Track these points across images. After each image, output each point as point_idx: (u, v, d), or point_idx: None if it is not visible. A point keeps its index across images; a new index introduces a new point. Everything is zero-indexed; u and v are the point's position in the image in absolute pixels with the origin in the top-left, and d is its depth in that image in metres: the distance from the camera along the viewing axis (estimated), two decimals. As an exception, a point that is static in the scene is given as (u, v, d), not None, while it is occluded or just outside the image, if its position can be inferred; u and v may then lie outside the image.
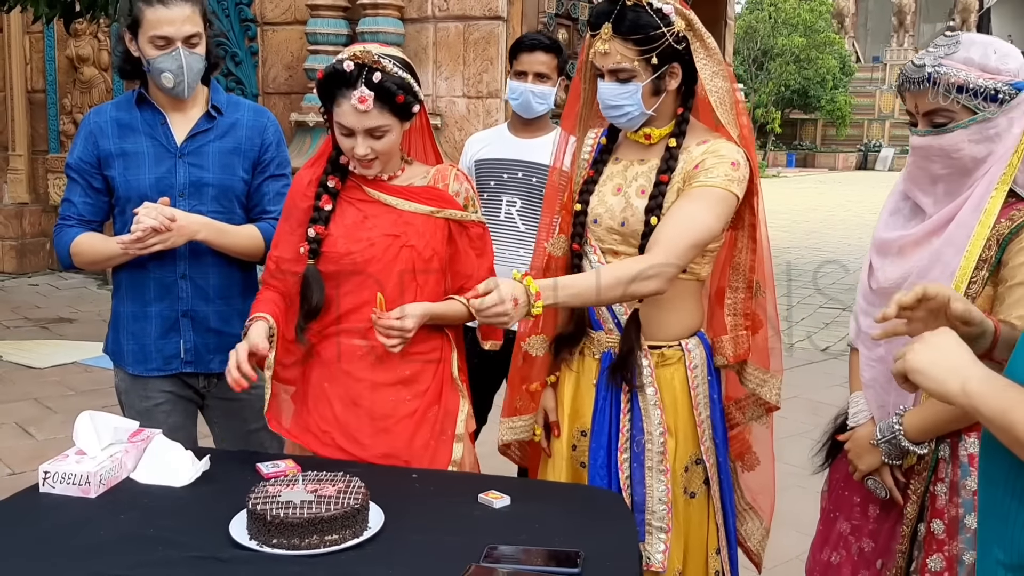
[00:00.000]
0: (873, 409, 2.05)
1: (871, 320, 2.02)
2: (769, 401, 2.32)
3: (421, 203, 2.22)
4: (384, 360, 2.19)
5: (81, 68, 9.36)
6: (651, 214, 2.11)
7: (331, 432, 2.19)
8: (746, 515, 2.45)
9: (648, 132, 2.22)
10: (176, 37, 2.32)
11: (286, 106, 7.78)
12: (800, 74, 34.08)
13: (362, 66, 2.05)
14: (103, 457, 1.97)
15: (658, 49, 2.09)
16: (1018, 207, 1.83)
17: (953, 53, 1.84)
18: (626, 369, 2.19)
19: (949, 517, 1.91)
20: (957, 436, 1.91)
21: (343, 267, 2.18)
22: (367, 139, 2.11)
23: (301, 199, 2.25)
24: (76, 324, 7.45)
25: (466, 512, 1.90)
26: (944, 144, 1.85)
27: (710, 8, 9.35)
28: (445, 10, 7.25)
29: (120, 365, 2.53)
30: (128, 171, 2.42)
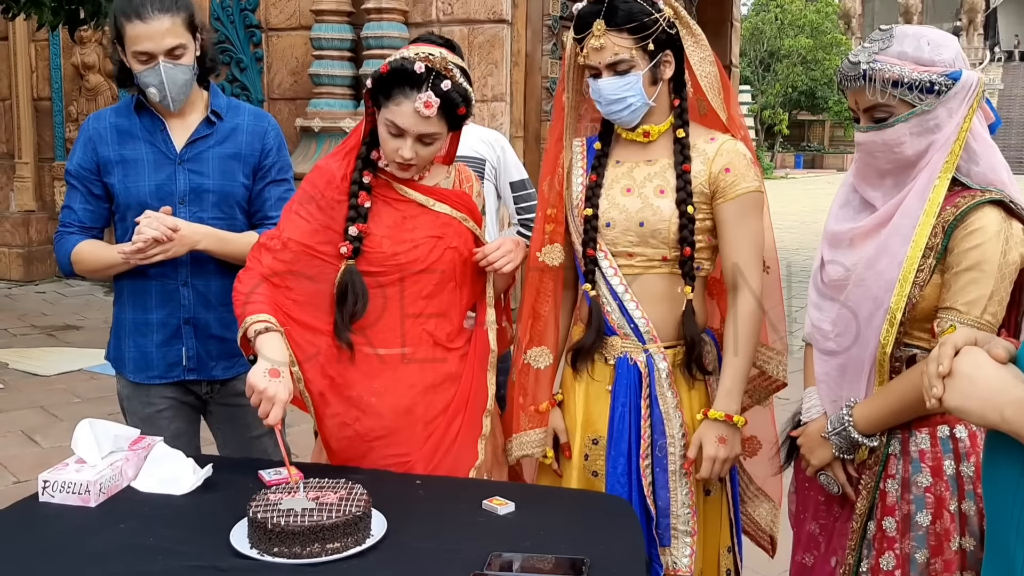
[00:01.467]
0: (826, 404, 2.03)
1: (822, 314, 2.01)
2: (777, 377, 2.31)
3: (453, 207, 2.20)
4: (426, 359, 2.17)
5: (87, 75, 9.38)
6: (684, 205, 2.14)
7: (377, 446, 2.14)
8: (757, 499, 2.44)
9: (647, 129, 2.21)
10: (157, 51, 2.28)
11: (291, 111, 7.79)
12: (807, 75, 34.09)
13: (431, 70, 2.02)
14: (103, 466, 1.95)
15: (653, 35, 2.10)
16: (962, 195, 1.82)
17: (887, 48, 1.84)
18: (697, 360, 2.21)
19: (901, 514, 1.88)
20: (908, 431, 1.89)
21: (387, 269, 2.14)
22: (416, 143, 2.07)
23: (333, 191, 2.14)
24: (82, 331, 7.45)
25: (470, 519, 1.87)
26: (886, 139, 1.85)
27: (716, 10, 9.34)
28: (449, 14, 7.25)
29: (122, 372, 2.51)
30: (128, 178, 2.40)
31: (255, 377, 1.93)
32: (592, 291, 2.23)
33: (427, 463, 2.14)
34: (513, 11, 7.22)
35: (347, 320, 2.11)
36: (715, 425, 2.14)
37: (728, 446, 2.13)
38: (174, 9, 2.29)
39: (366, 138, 2.17)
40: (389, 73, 2.03)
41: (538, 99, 7.49)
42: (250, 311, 2.06)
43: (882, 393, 1.88)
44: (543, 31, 7.43)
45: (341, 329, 2.11)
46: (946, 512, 1.84)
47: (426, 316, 2.17)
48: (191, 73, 2.36)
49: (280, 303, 2.12)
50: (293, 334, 2.11)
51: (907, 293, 1.82)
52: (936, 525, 1.85)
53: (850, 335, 1.93)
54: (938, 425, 1.87)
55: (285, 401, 1.94)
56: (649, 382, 2.20)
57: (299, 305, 2.14)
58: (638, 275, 2.20)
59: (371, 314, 2.13)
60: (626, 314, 2.20)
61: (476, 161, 3.21)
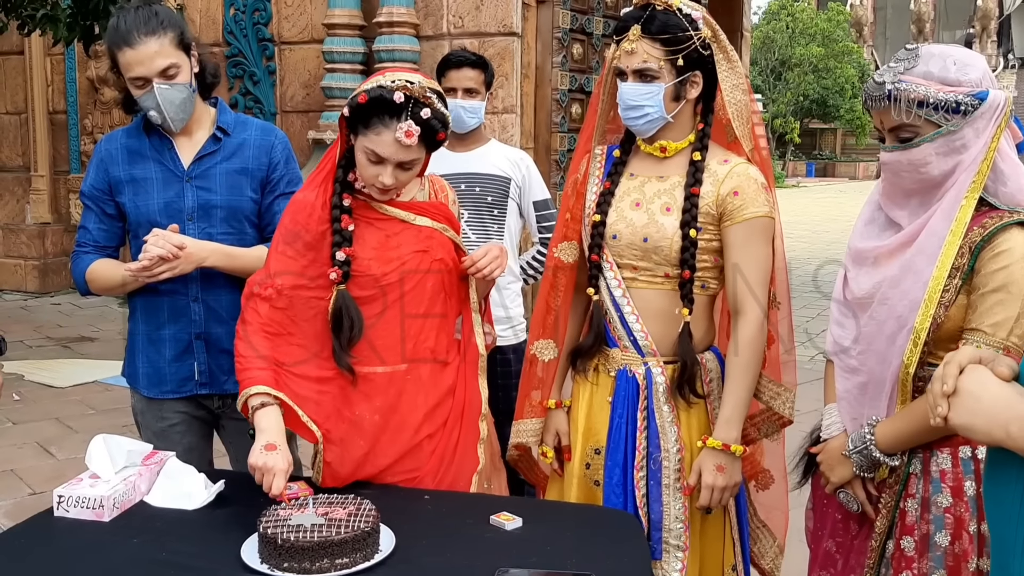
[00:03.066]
0: (846, 421, 2.03)
1: (844, 331, 2.01)
2: (783, 415, 2.32)
3: (434, 219, 2.21)
4: (426, 374, 2.18)
5: (101, 89, 9.46)
6: (688, 227, 2.15)
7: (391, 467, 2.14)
8: (759, 533, 2.44)
9: (664, 144, 2.23)
10: (149, 75, 2.30)
11: (304, 124, 7.84)
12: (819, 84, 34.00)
13: (410, 98, 2.02)
14: (117, 481, 1.98)
15: (685, 51, 2.13)
16: (990, 215, 1.82)
17: (912, 68, 1.83)
18: (690, 382, 2.22)
19: (919, 534, 1.88)
20: (929, 451, 1.89)
21: (377, 290, 2.14)
22: (396, 169, 2.07)
23: (316, 222, 2.13)
24: (97, 343, 7.51)
25: (477, 534, 1.89)
26: (912, 159, 1.85)
27: (726, 19, 9.34)
28: (460, 27, 7.29)
29: (135, 387, 2.54)
30: (138, 197, 2.44)
31: (253, 457, 1.95)
32: (596, 296, 2.25)
33: (434, 476, 2.16)
34: (523, 24, 7.25)
35: (345, 345, 2.10)
36: (713, 454, 2.15)
37: (727, 475, 2.14)
38: (160, 30, 2.31)
39: (341, 161, 2.16)
40: (368, 103, 2.02)
41: (548, 111, 7.51)
42: (248, 381, 2.05)
43: (905, 413, 1.87)
44: (553, 43, 7.46)
45: (340, 355, 2.10)
46: (965, 533, 1.83)
47: (425, 331, 2.17)
48: (188, 91, 2.38)
49: (281, 359, 2.09)
50: (300, 391, 2.08)
51: (932, 313, 1.81)
52: (955, 546, 1.84)
53: (873, 353, 1.92)
54: (960, 446, 1.87)
55: (284, 471, 1.95)
56: (647, 395, 2.22)
57: (303, 353, 2.12)
58: (640, 289, 2.23)
59: (372, 335, 2.13)
60: (626, 326, 2.23)
61: (501, 180, 3.25)
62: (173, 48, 2.33)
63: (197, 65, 2.42)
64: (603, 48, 7.88)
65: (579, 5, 7.72)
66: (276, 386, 2.04)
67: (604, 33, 8.01)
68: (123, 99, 2.47)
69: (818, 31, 34.39)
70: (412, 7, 7.23)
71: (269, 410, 2.03)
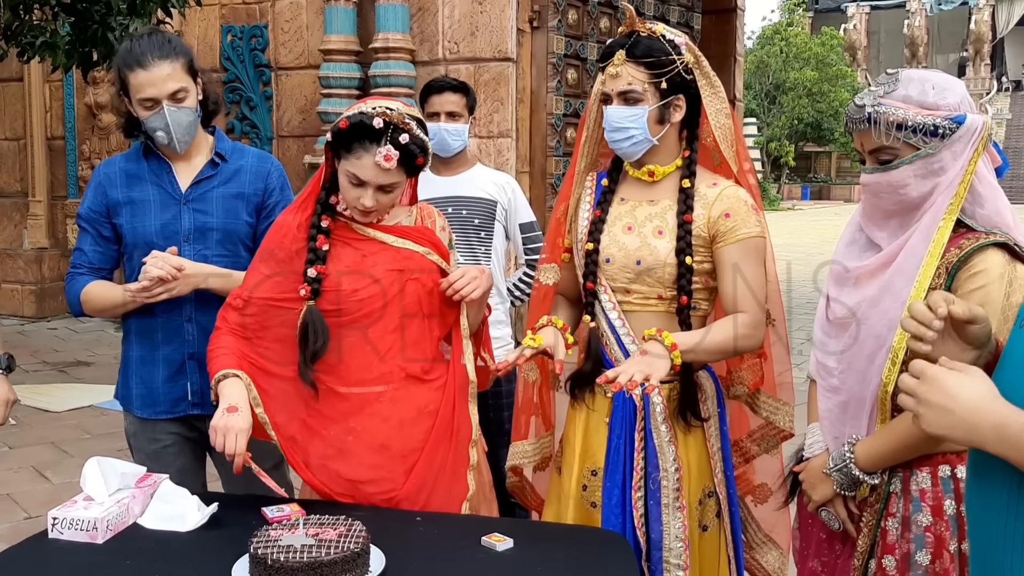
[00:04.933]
0: (828, 440, 2.04)
1: (825, 351, 2.03)
2: (784, 428, 2.34)
3: (415, 242, 2.24)
4: (400, 393, 2.20)
5: (99, 115, 9.52)
6: (683, 255, 2.18)
7: (364, 484, 2.17)
8: (765, 546, 2.45)
9: (651, 168, 2.27)
10: (160, 96, 2.37)
11: (300, 149, 7.89)
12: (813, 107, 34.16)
13: (389, 124, 2.08)
14: (110, 503, 2.00)
15: (667, 75, 2.18)
16: (967, 236, 1.85)
17: (892, 91, 1.87)
18: (692, 406, 2.24)
19: (900, 553, 1.89)
20: (909, 470, 1.90)
21: (347, 306, 2.18)
22: (377, 192, 2.13)
23: (291, 241, 2.21)
24: (93, 368, 7.51)
25: (469, 555, 1.90)
26: (891, 180, 1.88)
27: (720, 44, 9.43)
28: (456, 53, 7.36)
29: (129, 409, 2.56)
30: (135, 218, 2.48)
31: (215, 419, 2.04)
32: (591, 323, 2.28)
33: (414, 499, 2.17)
34: (518, 49, 7.32)
35: (310, 360, 2.16)
36: (646, 343, 2.12)
37: (645, 360, 2.04)
38: (173, 55, 2.39)
39: (326, 184, 2.22)
40: (349, 128, 2.09)
41: (543, 135, 7.57)
42: (215, 367, 2.17)
43: (884, 431, 1.89)
44: (548, 69, 7.53)
45: (304, 370, 2.16)
46: (946, 552, 1.85)
47: (396, 350, 2.20)
48: (195, 115, 2.44)
49: (247, 353, 2.19)
50: (260, 381, 2.18)
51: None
52: (935, 565, 1.85)
53: (853, 373, 1.94)
54: (940, 465, 1.89)
55: (244, 429, 2.04)
56: (644, 415, 2.24)
57: (268, 354, 2.20)
58: (635, 312, 2.25)
59: (341, 353, 2.18)
60: (623, 348, 2.25)
61: (487, 203, 3.29)
62: (183, 73, 2.40)
63: (202, 93, 2.48)
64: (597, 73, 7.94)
65: (573, 31, 7.80)
66: (237, 367, 2.15)
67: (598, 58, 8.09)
68: (125, 123, 2.52)
69: (812, 55, 34.59)
70: (408, 33, 7.30)
71: (230, 380, 2.12)
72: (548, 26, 7.51)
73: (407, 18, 7.29)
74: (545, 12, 7.48)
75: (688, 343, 2.12)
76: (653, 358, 2.04)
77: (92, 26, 5.49)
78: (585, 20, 7.96)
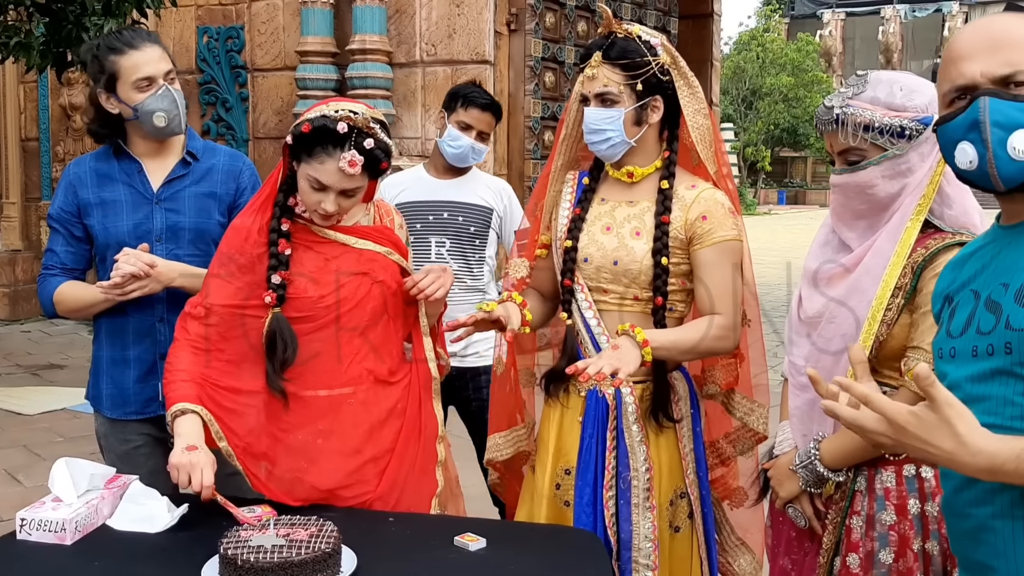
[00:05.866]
0: (797, 438, 2.06)
1: (796, 349, 2.05)
2: (758, 431, 2.35)
3: (376, 243, 2.22)
4: (369, 396, 2.19)
5: (74, 116, 9.44)
6: (659, 256, 2.19)
7: (339, 491, 2.15)
8: (738, 550, 2.46)
9: (631, 170, 2.27)
10: (157, 75, 2.38)
11: (276, 151, 7.85)
12: (789, 112, 34.37)
13: (353, 128, 2.04)
14: (79, 504, 1.98)
15: (643, 76, 2.18)
16: (934, 236, 1.87)
17: (860, 93, 1.89)
18: (664, 407, 2.24)
19: (864, 551, 1.91)
20: (874, 469, 1.92)
21: (314, 312, 2.15)
22: (339, 197, 2.09)
23: (251, 246, 2.15)
24: (67, 370, 7.44)
25: (441, 555, 1.90)
26: (858, 181, 1.90)
27: (697, 49, 9.48)
28: (433, 55, 7.35)
29: (99, 409, 2.54)
30: (107, 219, 2.46)
31: (174, 457, 2.00)
32: (568, 320, 2.28)
33: (386, 500, 2.16)
34: (496, 52, 7.33)
35: (278, 368, 2.12)
36: (618, 338, 2.13)
37: (617, 354, 2.04)
38: (159, 44, 2.44)
39: (283, 185, 2.17)
40: (311, 132, 2.04)
41: (521, 138, 7.57)
42: (172, 396, 2.10)
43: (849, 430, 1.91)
44: (525, 72, 7.54)
45: (273, 378, 2.11)
46: (909, 551, 1.87)
47: (364, 353, 2.19)
48: (185, 99, 2.46)
49: (207, 374, 2.13)
50: (224, 401, 2.13)
51: (875, 331, 1.85)
52: (899, 563, 1.87)
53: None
54: (904, 464, 1.91)
55: (207, 463, 1.99)
56: (616, 415, 2.24)
57: (231, 367, 2.15)
58: (611, 311, 2.26)
59: (309, 358, 2.14)
60: (597, 347, 2.25)
61: (483, 210, 3.27)
62: (169, 58, 2.44)
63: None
64: (575, 76, 7.97)
65: (551, 34, 7.81)
66: (197, 401, 2.09)
67: (576, 62, 8.10)
68: (96, 126, 2.48)
69: (788, 61, 34.80)
70: (385, 35, 7.29)
71: (187, 417, 2.07)
72: (525, 29, 7.52)
73: (384, 20, 7.28)
74: (522, 15, 7.50)
75: (660, 340, 2.13)
76: (624, 352, 2.05)
77: (67, 26, 5.44)
78: (562, 23, 7.98)
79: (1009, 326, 1.26)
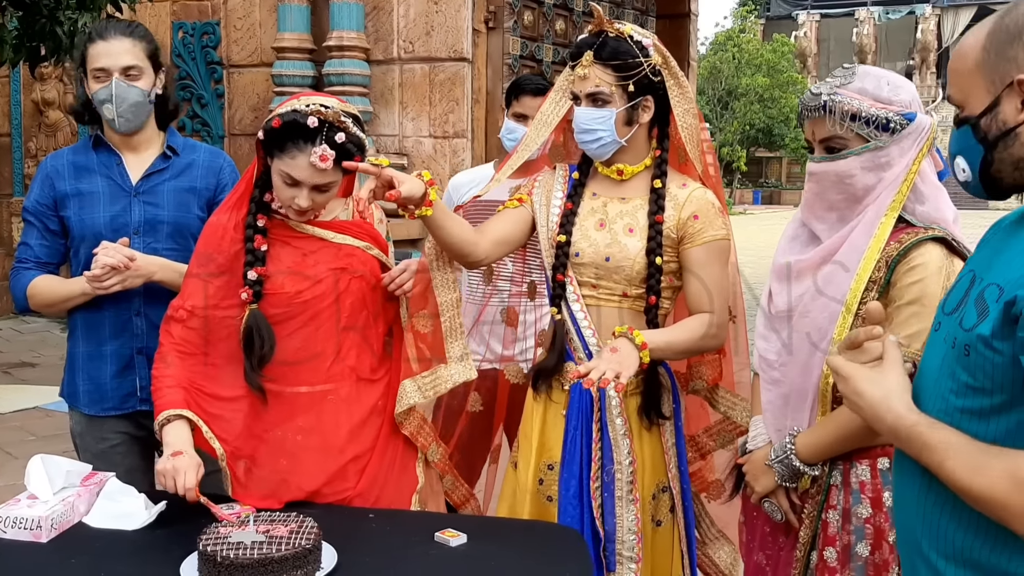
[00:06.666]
0: (771, 432, 2.07)
1: (768, 344, 2.06)
2: (741, 424, 2.36)
3: (355, 237, 2.21)
4: (351, 395, 2.17)
5: (46, 112, 9.33)
6: (653, 255, 2.19)
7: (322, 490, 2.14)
8: (718, 543, 2.47)
9: (620, 168, 2.27)
10: (112, 68, 2.36)
11: (251, 147, 7.69)
12: (764, 113, 34.58)
13: (324, 123, 2.01)
14: (55, 501, 1.96)
15: (635, 77, 2.18)
16: (906, 231, 1.89)
17: (848, 83, 1.91)
18: (656, 405, 2.24)
19: (841, 545, 1.92)
20: (849, 462, 1.93)
21: (292, 308, 2.13)
22: (312, 192, 2.07)
23: (228, 243, 2.14)
24: (38, 368, 7.35)
25: (422, 551, 1.89)
26: (838, 170, 1.91)
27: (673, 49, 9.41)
28: (411, 52, 7.33)
29: (75, 407, 2.51)
30: (83, 210, 2.43)
31: (160, 464, 1.99)
32: (558, 315, 2.28)
33: (366, 497, 2.16)
34: (474, 50, 7.32)
35: (256, 365, 2.10)
36: (616, 340, 2.09)
37: (616, 357, 2.01)
38: (136, 36, 2.41)
39: (258, 181, 2.15)
40: (282, 127, 2.01)
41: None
42: (160, 404, 2.09)
43: (824, 423, 1.92)
44: (503, 69, 7.53)
45: (251, 375, 2.10)
46: (885, 543, 1.88)
47: (345, 350, 2.17)
48: (144, 98, 2.41)
49: (194, 381, 2.12)
50: (211, 408, 2.11)
51: (850, 324, 1.86)
52: (875, 556, 1.89)
53: (795, 365, 1.97)
54: (878, 457, 1.92)
55: (191, 467, 1.97)
56: (600, 408, 2.25)
57: (216, 371, 2.13)
58: (599, 306, 2.26)
59: (289, 354, 2.13)
60: (583, 341, 2.25)
61: None
62: (142, 54, 2.40)
63: (162, 88, 2.47)
64: (553, 75, 7.98)
65: (529, 32, 7.81)
66: (185, 406, 2.07)
67: (554, 60, 8.11)
68: (79, 105, 2.49)
69: (763, 62, 35.00)
70: (362, 31, 7.26)
71: (175, 424, 2.06)
72: (504, 27, 7.52)
73: (361, 17, 7.25)
74: (501, 13, 7.49)
75: (658, 342, 2.13)
76: (623, 355, 2.03)
77: (40, 20, 5.37)
78: (541, 22, 7.98)
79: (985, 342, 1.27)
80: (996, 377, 1.24)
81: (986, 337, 1.24)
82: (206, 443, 2.09)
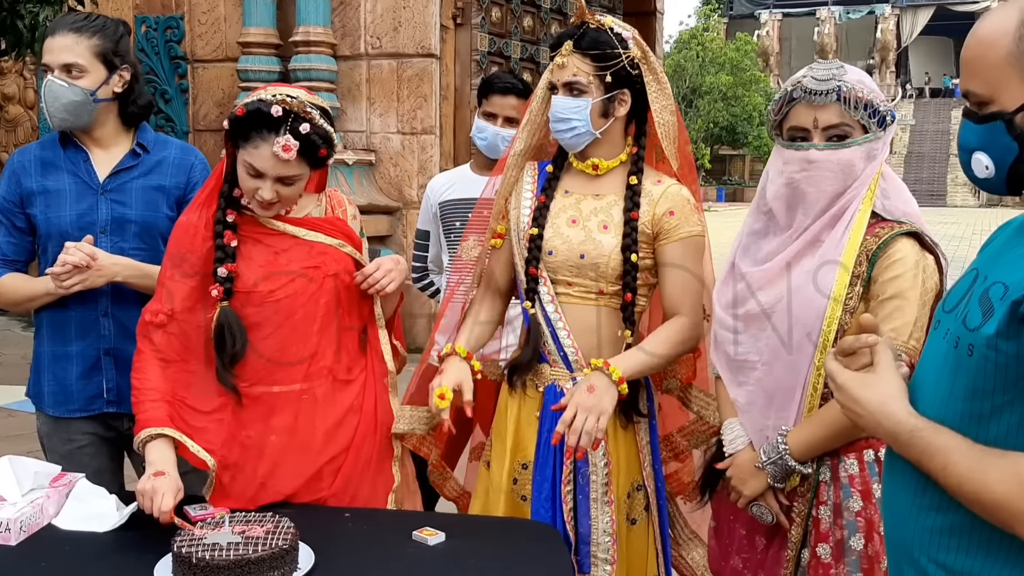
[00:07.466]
0: (751, 433, 2.05)
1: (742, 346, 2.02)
2: (714, 424, 2.36)
3: (328, 235, 2.18)
4: (327, 395, 2.15)
5: (6, 106, 9.19)
6: (629, 252, 2.18)
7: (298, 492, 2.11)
8: (691, 543, 2.47)
9: (596, 162, 2.26)
10: (53, 64, 2.31)
11: (217, 143, 7.71)
12: (728, 111, 34.84)
13: (289, 112, 1.98)
14: (23, 503, 1.92)
15: (613, 67, 2.17)
16: (880, 225, 1.91)
17: (845, 75, 1.91)
18: (634, 404, 2.23)
19: (835, 540, 1.92)
20: (837, 457, 1.94)
21: (265, 308, 2.09)
22: (276, 184, 2.03)
23: (200, 241, 2.09)
24: (1, 368, 7.22)
25: (400, 550, 1.88)
26: (842, 158, 1.90)
27: (639, 47, 9.54)
28: (378, 48, 7.29)
29: (41, 408, 2.46)
30: (49, 208, 2.38)
31: (140, 483, 1.94)
32: (532, 309, 2.27)
33: (340, 497, 2.14)
34: (442, 46, 7.30)
35: (228, 363, 2.06)
36: (592, 375, 2.10)
37: (595, 396, 2.04)
38: (85, 32, 2.33)
39: (228, 176, 2.11)
40: (245, 116, 1.98)
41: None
42: (142, 423, 2.03)
43: (815, 419, 1.91)
44: (472, 66, 7.52)
45: (223, 374, 2.06)
46: (876, 535, 1.88)
47: (321, 349, 2.14)
48: (84, 96, 2.33)
49: (176, 392, 2.08)
50: (194, 421, 2.07)
51: (839, 315, 1.86)
52: (868, 548, 1.89)
53: (780, 363, 1.95)
54: (864, 449, 1.92)
55: (171, 489, 1.92)
56: None
57: (196, 378, 2.09)
58: (573, 305, 2.24)
59: (265, 355, 2.09)
60: (557, 341, 2.24)
61: None
62: (89, 53, 2.32)
63: (121, 86, 2.40)
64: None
65: (497, 28, 7.80)
66: (169, 423, 2.03)
67: (522, 56, 8.11)
68: None
69: (727, 60, 35.26)
70: (329, 27, 7.21)
71: (157, 443, 2.01)
72: (472, 23, 7.50)
73: (328, 11, 7.20)
74: (468, 9, 7.47)
75: (634, 368, 2.13)
76: (600, 395, 2.04)
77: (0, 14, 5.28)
78: (508, 18, 7.98)
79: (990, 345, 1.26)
80: (999, 377, 1.22)
81: (991, 337, 1.23)
82: (194, 456, 2.05)
